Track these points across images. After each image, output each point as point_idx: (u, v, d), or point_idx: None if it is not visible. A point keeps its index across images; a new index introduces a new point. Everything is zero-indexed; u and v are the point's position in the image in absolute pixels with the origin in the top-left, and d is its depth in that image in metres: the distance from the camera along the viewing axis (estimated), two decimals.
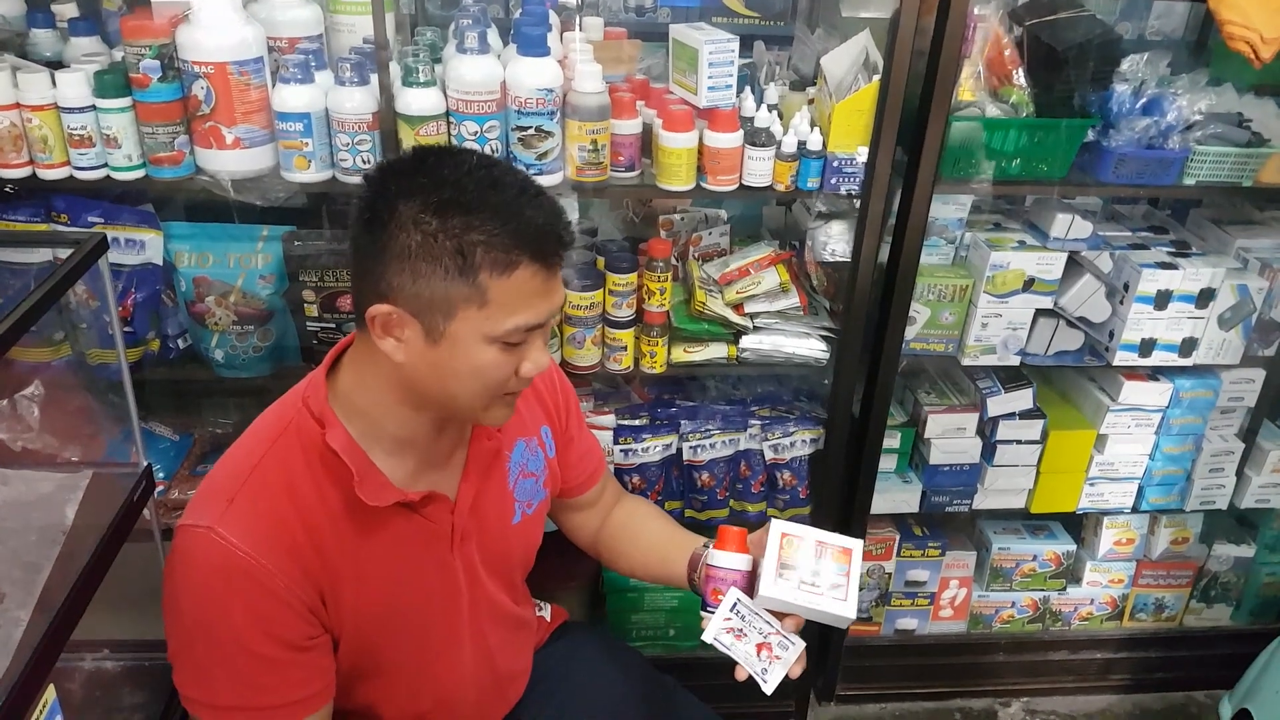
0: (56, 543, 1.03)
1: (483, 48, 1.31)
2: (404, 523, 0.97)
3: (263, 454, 0.92)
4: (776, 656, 0.93)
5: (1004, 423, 1.72)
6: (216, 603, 0.87)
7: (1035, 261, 1.58)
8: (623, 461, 1.64)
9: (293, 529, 0.90)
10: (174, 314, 1.49)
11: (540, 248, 0.85)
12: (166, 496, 1.54)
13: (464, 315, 0.85)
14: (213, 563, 0.87)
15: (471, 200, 0.83)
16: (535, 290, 0.86)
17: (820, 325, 1.60)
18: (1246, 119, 1.58)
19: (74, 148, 1.30)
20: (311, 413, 0.93)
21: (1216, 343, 1.67)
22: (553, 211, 0.88)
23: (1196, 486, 1.81)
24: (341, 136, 1.33)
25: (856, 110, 1.40)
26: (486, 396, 0.91)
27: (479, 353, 0.87)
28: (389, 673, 1.02)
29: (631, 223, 1.77)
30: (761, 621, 0.95)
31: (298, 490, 0.91)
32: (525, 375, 0.91)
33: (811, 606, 0.93)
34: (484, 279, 0.83)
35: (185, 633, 0.89)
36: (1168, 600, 1.96)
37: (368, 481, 0.91)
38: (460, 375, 0.88)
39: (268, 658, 0.89)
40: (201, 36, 1.26)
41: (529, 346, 0.90)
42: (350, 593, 0.94)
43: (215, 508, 0.88)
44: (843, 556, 0.97)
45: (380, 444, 0.94)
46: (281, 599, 0.89)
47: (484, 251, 0.83)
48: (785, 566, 0.94)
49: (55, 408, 1.33)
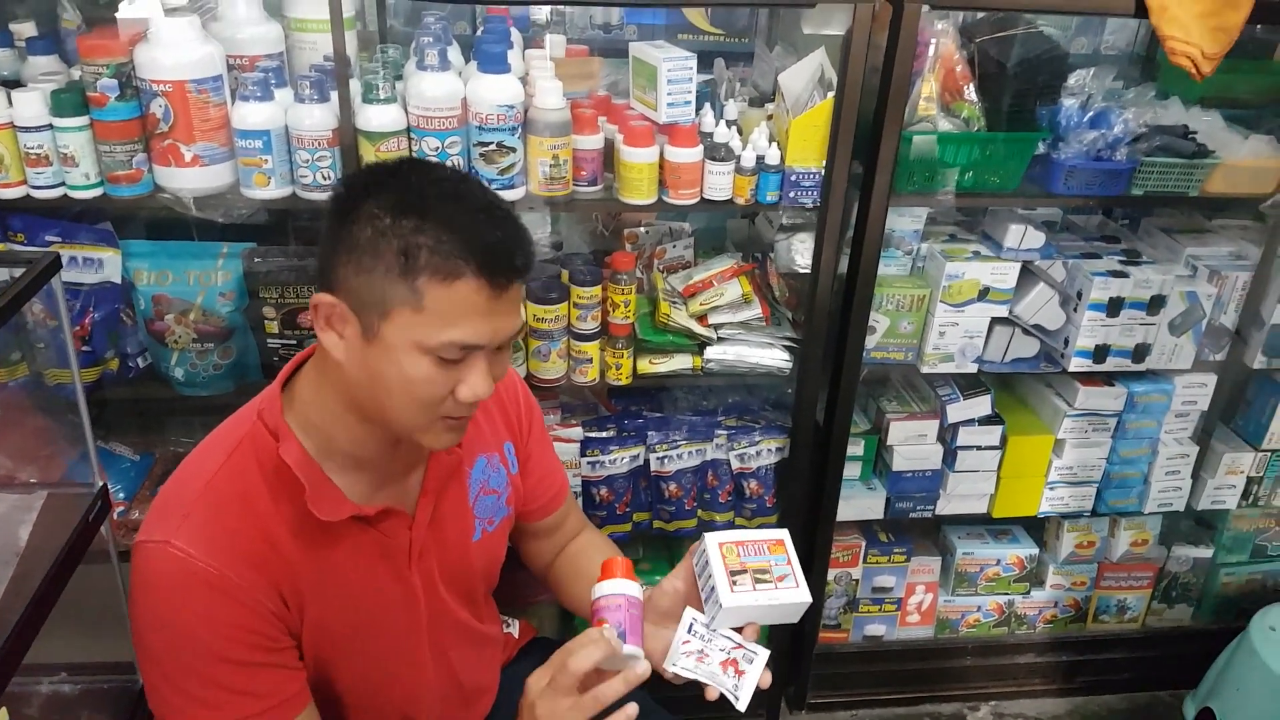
0: (9, 564, 1.02)
1: (443, 64, 1.32)
2: (360, 537, 0.96)
3: (217, 468, 0.91)
4: (743, 671, 0.92)
5: (964, 429, 1.75)
6: (180, 614, 0.86)
7: (990, 271, 1.61)
8: (590, 473, 1.65)
9: (250, 538, 0.89)
10: (133, 332, 1.47)
11: (488, 263, 0.82)
12: (127, 517, 1.52)
13: (398, 318, 0.83)
14: (172, 575, 0.86)
15: (429, 206, 0.83)
16: (476, 307, 0.83)
17: (783, 335, 1.62)
18: (1192, 131, 1.63)
19: (30, 166, 1.30)
20: (266, 426, 0.92)
21: (1169, 348, 1.71)
22: (512, 233, 0.86)
23: (1154, 489, 1.84)
24: (301, 153, 1.33)
25: (813, 125, 1.43)
26: (420, 414, 0.87)
27: (410, 363, 0.84)
28: (349, 688, 1.02)
29: (600, 236, 1.79)
30: (721, 638, 0.93)
31: (253, 503, 0.90)
32: (463, 399, 0.87)
33: (771, 603, 0.92)
34: (423, 283, 0.81)
35: (154, 652, 0.88)
36: (1130, 602, 2.00)
37: (321, 497, 0.91)
38: (390, 384, 0.85)
39: (239, 662, 0.88)
40: (160, 55, 1.26)
41: (468, 369, 0.86)
42: (311, 603, 0.94)
43: (171, 522, 0.87)
44: (778, 548, 0.97)
45: (334, 459, 0.93)
46: (245, 605, 0.88)
47: (428, 255, 0.81)
48: (733, 573, 0.94)
49: (12, 428, 1.32)
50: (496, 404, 1.13)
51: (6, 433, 1.29)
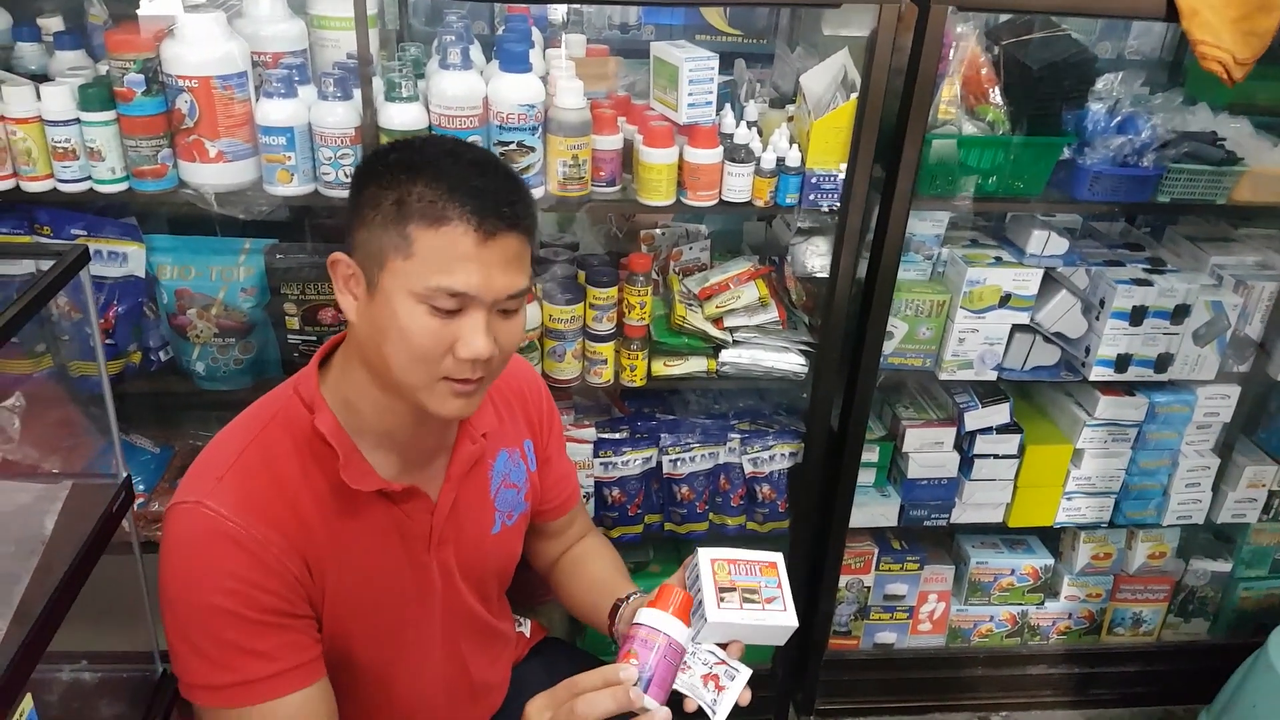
0: (35, 553, 1.04)
1: (465, 63, 1.33)
2: (383, 515, 0.98)
3: (252, 438, 0.94)
4: (723, 686, 0.92)
5: (981, 437, 1.73)
6: (205, 571, 0.88)
7: (1011, 277, 1.60)
8: (603, 474, 1.65)
9: (279, 505, 0.92)
10: (156, 326, 1.49)
11: (475, 209, 0.84)
12: (147, 509, 1.54)
13: (392, 266, 0.85)
14: (200, 531, 0.88)
15: (426, 161, 0.87)
16: (464, 253, 0.84)
17: (799, 340, 1.61)
18: (1221, 138, 1.61)
19: (58, 160, 1.32)
20: (302, 399, 0.95)
21: (1192, 358, 1.69)
22: (502, 184, 0.88)
23: (1173, 501, 1.82)
24: (324, 150, 1.34)
25: (834, 127, 1.42)
26: (420, 371, 0.88)
27: (405, 312, 0.85)
28: (362, 675, 1.03)
29: (614, 238, 1.79)
30: (705, 652, 0.93)
31: (283, 473, 0.93)
32: (461, 356, 0.87)
33: (758, 624, 0.93)
34: (413, 229, 0.84)
35: (176, 609, 0.90)
36: (1145, 615, 1.97)
37: (352, 466, 0.93)
38: (389, 336, 0.87)
39: (256, 623, 0.89)
40: (185, 51, 1.27)
41: (465, 325, 0.86)
42: (332, 574, 0.96)
43: (205, 485, 0.90)
44: (770, 570, 0.98)
45: (364, 437, 0.96)
46: (269, 565, 0.89)
47: (417, 201, 0.84)
48: (723, 589, 0.94)
49: (36, 420, 1.33)
50: (519, 402, 1.15)
51: (32, 424, 1.31)
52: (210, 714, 0.91)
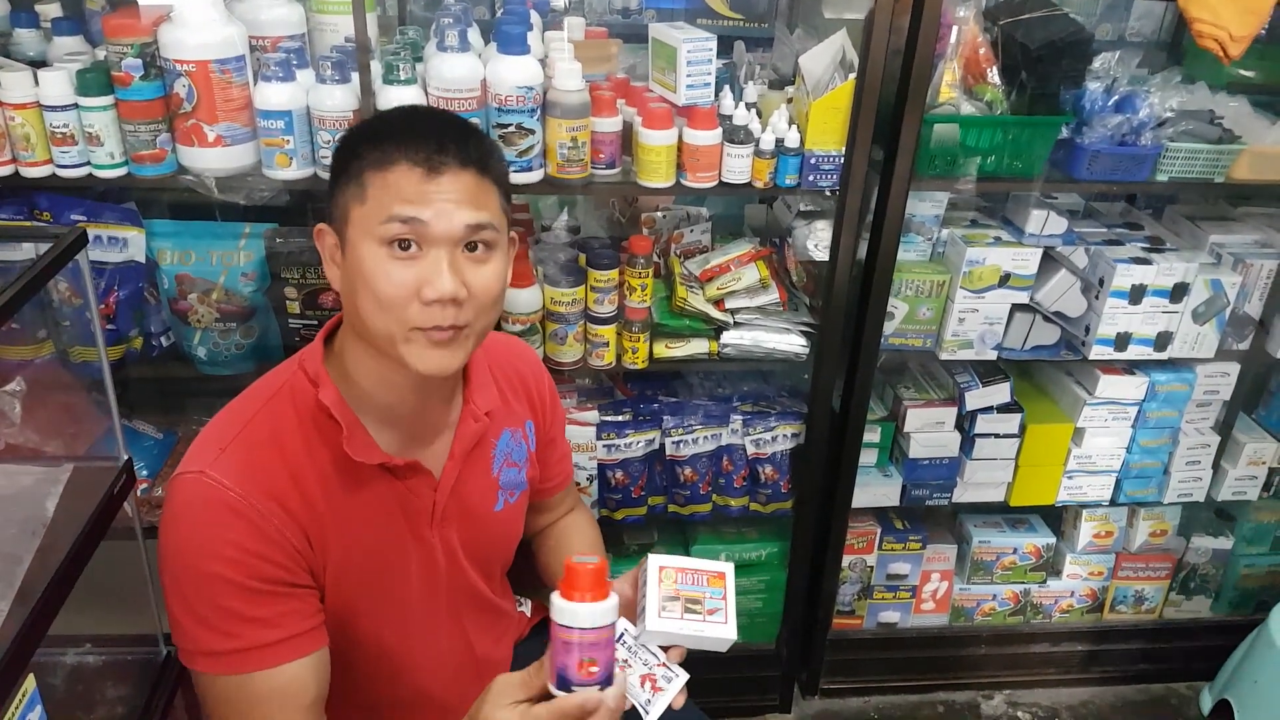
0: (37, 535, 1.04)
1: (463, 46, 1.33)
2: (386, 489, 0.99)
3: (255, 411, 0.95)
4: (659, 688, 0.94)
5: (982, 416, 1.74)
6: (206, 538, 0.89)
7: (1011, 257, 1.60)
8: (605, 457, 1.65)
9: (281, 478, 0.92)
10: (157, 311, 1.49)
11: (420, 146, 0.87)
12: (149, 495, 1.54)
13: (353, 217, 0.89)
14: (202, 500, 0.89)
15: (383, 122, 0.94)
16: (411, 187, 0.87)
17: (800, 321, 1.61)
18: (1219, 116, 1.61)
19: (56, 145, 1.31)
20: (307, 374, 0.96)
21: (1191, 337, 1.70)
22: (451, 125, 0.92)
23: (1174, 479, 1.83)
24: (323, 134, 1.34)
25: (833, 108, 1.42)
26: (390, 319, 0.88)
27: (370, 256, 0.88)
28: (367, 645, 1.03)
29: (616, 222, 1.79)
30: (647, 653, 0.95)
31: (286, 446, 0.94)
32: (425, 298, 0.87)
33: (696, 634, 0.94)
34: (366, 176, 0.88)
35: (175, 577, 0.90)
36: (1147, 592, 1.98)
37: (355, 439, 0.94)
38: (358, 287, 0.89)
39: (256, 591, 0.89)
40: (183, 35, 1.27)
41: (427, 265, 0.87)
42: (335, 548, 0.96)
43: (208, 456, 0.91)
44: (717, 581, 0.99)
45: (368, 412, 0.97)
46: (269, 537, 0.90)
47: (367, 150, 0.89)
48: (666, 598, 0.95)
49: (38, 405, 1.34)
50: (521, 384, 1.16)
51: (34, 408, 1.31)
52: (210, 681, 0.92)
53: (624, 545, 1.82)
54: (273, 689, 0.91)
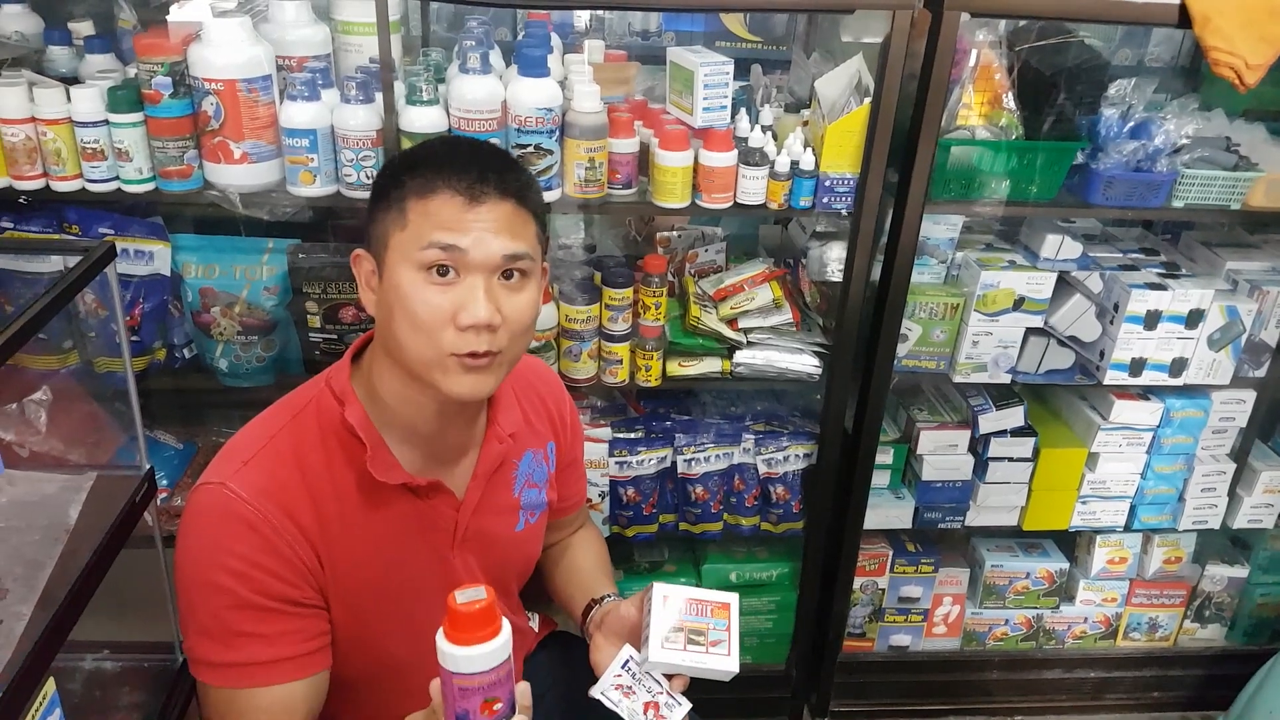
0: (59, 541, 1.06)
1: (484, 68, 1.35)
2: (408, 508, 1.00)
3: (280, 427, 0.96)
4: (662, 716, 0.95)
5: (996, 440, 1.73)
6: (214, 547, 0.90)
7: (1025, 281, 1.60)
8: (618, 474, 1.66)
9: (300, 496, 0.94)
10: (180, 324, 1.52)
11: (461, 176, 0.89)
12: (169, 504, 1.56)
13: (392, 242, 0.90)
14: (216, 510, 0.91)
15: (425, 151, 0.95)
16: (452, 215, 0.88)
17: (813, 341, 1.62)
18: (1235, 143, 1.61)
19: (86, 160, 1.35)
20: (333, 392, 0.98)
21: (1206, 363, 1.69)
22: (489, 157, 0.93)
23: (1189, 506, 1.82)
24: (346, 152, 1.36)
25: (848, 131, 1.43)
26: (426, 344, 0.89)
27: (407, 281, 0.89)
28: (381, 662, 1.04)
29: (632, 240, 1.81)
30: (651, 681, 0.97)
31: (309, 464, 0.95)
32: (462, 324, 0.88)
33: (698, 665, 0.95)
34: (408, 203, 0.90)
35: (187, 584, 0.92)
36: (1161, 620, 1.96)
37: (378, 458, 0.95)
38: (395, 313, 0.90)
39: (260, 607, 0.91)
40: (212, 54, 1.30)
41: (464, 291, 0.88)
42: (345, 566, 0.97)
43: (230, 468, 0.93)
44: (722, 612, 0.99)
45: (391, 431, 0.98)
46: (281, 553, 0.91)
47: (410, 178, 0.90)
48: (670, 629, 0.96)
49: (62, 414, 1.36)
50: (543, 406, 1.17)
51: (58, 418, 1.33)
52: (205, 689, 0.94)
53: (634, 562, 1.82)
54: (259, 707, 0.92)
